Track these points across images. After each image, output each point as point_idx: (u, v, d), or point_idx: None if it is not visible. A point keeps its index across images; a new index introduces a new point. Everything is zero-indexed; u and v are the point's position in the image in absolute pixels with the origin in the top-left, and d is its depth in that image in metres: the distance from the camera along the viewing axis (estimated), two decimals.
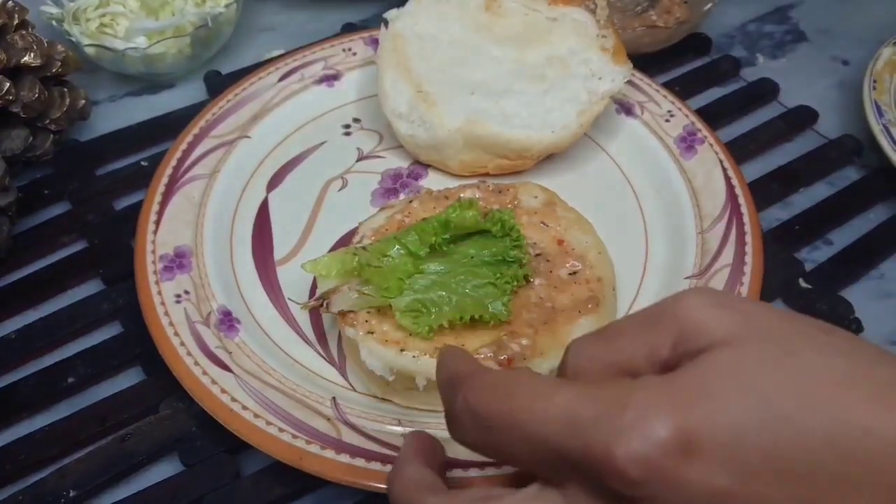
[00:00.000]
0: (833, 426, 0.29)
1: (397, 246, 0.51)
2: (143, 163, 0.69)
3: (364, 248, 0.53)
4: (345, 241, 0.61)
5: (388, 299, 0.50)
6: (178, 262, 0.58)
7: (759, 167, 0.69)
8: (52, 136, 0.67)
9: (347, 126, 0.70)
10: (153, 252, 0.58)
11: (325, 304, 0.52)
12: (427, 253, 0.51)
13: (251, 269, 0.60)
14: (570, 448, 0.30)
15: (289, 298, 0.59)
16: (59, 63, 0.66)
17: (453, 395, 0.34)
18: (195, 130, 0.66)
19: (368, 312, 0.51)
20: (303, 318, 0.57)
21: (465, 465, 0.48)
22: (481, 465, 0.48)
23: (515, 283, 0.51)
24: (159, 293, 0.56)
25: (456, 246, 0.53)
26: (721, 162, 0.63)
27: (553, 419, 0.31)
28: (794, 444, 0.29)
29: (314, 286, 0.57)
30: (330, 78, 0.71)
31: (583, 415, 0.30)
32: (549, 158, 0.66)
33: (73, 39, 0.72)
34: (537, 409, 0.31)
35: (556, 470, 0.32)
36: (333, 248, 0.61)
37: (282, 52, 0.77)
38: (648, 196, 0.64)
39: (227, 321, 0.56)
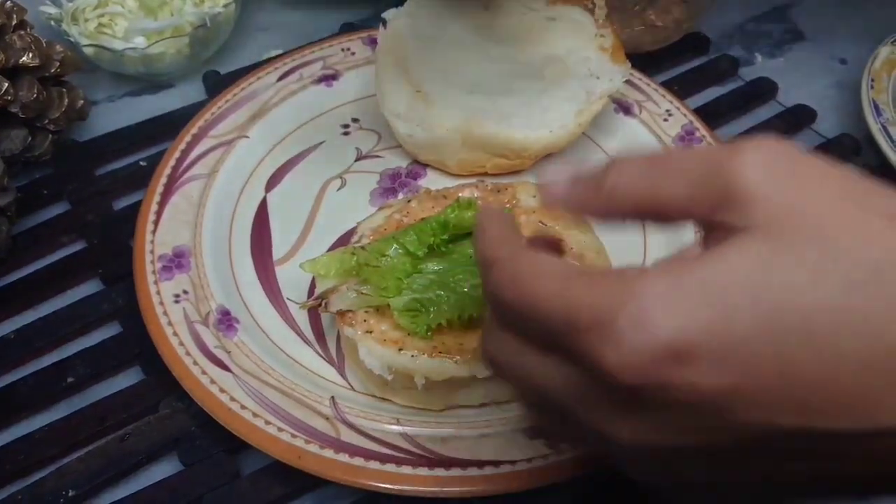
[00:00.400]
0: (862, 347, 0.27)
1: (395, 245, 0.52)
2: (141, 163, 0.69)
3: (363, 247, 0.53)
4: (343, 240, 0.61)
5: (386, 299, 0.50)
6: (176, 261, 0.58)
7: None
8: (50, 136, 0.67)
9: (346, 126, 0.70)
10: (152, 252, 0.59)
11: (323, 304, 0.52)
12: (425, 253, 0.51)
13: (250, 269, 0.60)
14: (571, 346, 0.30)
15: (287, 298, 0.59)
16: (58, 63, 0.66)
17: (485, 279, 0.35)
18: (194, 130, 0.66)
19: (367, 312, 0.51)
20: (301, 318, 0.58)
21: (465, 464, 0.48)
22: (480, 465, 0.48)
23: None
24: (158, 293, 0.56)
25: (455, 245, 0.53)
26: None
27: (556, 315, 0.30)
28: (806, 362, 0.27)
29: (313, 286, 0.57)
30: (328, 78, 0.71)
31: (581, 315, 0.29)
32: (548, 158, 0.66)
33: (72, 39, 0.72)
34: (542, 302, 0.31)
35: (568, 358, 0.31)
36: (332, 248, 0.61)
37: (280, 51, 0.77)
38: None
39: (226, 321, 0.56)
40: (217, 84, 0.74)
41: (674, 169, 0.31)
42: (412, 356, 0.49)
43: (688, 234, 0.60)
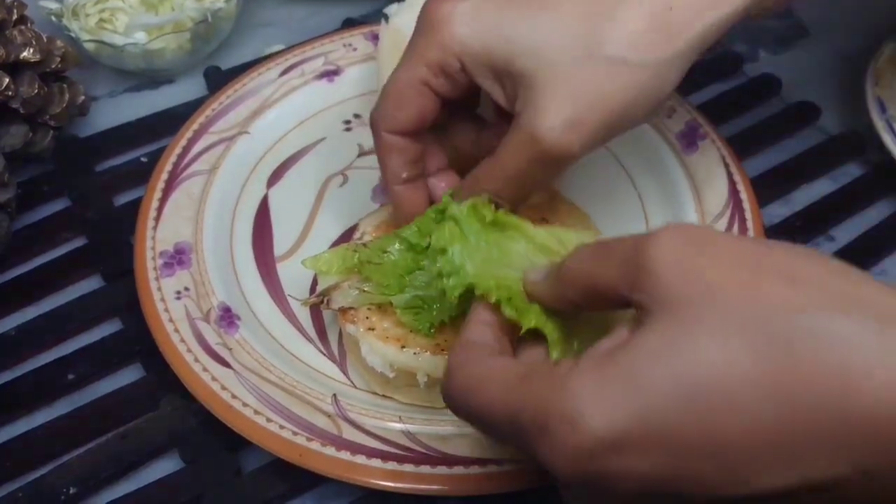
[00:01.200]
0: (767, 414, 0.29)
1: (397, 243, 0.51)
2: (142, 159, 0.68)
3: (364, 244, 0.53)
4: (345, 237, 0.61)
5: (388, 296, 0.50)
6: (178, 258, 0.58)
7: (760, 163, 0.69)
8: (51, 131, 0.66)
9: (348, 122, 0.69)
10: (153, 248, 0.58)
11: (325, 301, 0.51)
12: (427, 245, 0.51)
13: (251, 266, 0.60)
14: (518, 444, 0.33)
15: (289, 295, 0.58)
16: (59, 59, 0.65)
17: (442, 385, 0.38)
18: (195, 126, 0.66)
19: (369, 309, 0.51)
20: (303, 315, 0.57)
21: (467, 462, 0.48)
22: (482, 463, 0.48)
23: None
24: (159, 290, 0.56)
25: None
26: (723, 158, 0.63)
27: (501, 421, 0.34)
28: (735, 435, 0.29)
29: (314, 283, 0.57)
30: (330, 73, 0.71)
31: (522, 418, 0.32)
32: None
33: (73, 35, 0.72)
34: (488, 411, 0.35)
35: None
36: (334, 245, 0.61)
37: (282, 47, 0.77)
38: (650, 192, 0.64)
39: (228, 318, 0.56)
40: (218, 80, 0.73)
41: (610, 253, 0.34)
42: (414, 353, 0.49)
43: None
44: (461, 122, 0.52)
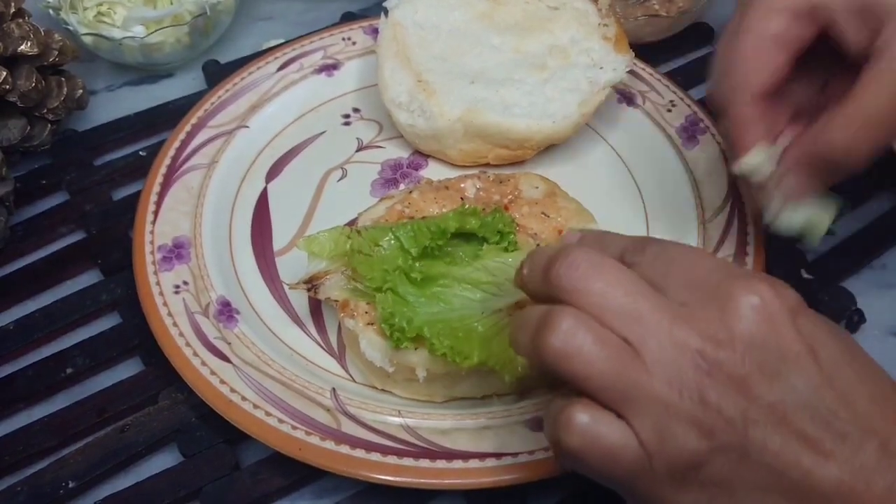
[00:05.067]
0: None
1: (391, 237, 0.51)
2: (141, 153, 0.68)
3: (358, 231, 0.53)
4: None
5: (374, 295, 0.50)
6: (176, 252, 0.58)
7: None
8: (49, 125, 0.66)
9: (347, 116, 0.69)
10: (152, 242, 0.58)
11: (313, 288, 0.51)
12: (418, 253, 0.51)
13: (250, 260, 0.60)
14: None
15: (282, 281, 0.58)
16: (57, 52, 0.65)
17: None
18: (193, 120, 0.66)
19: (368, 304, 0.51)
20: (302, 310, 0.57)
21: (466, 456, 0.48)
22: (481, 457, 0.48)
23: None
24: (158, 284, 0.56)
25: (453, 249, 0.53)
26: (723, 152, 0.63)
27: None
28: None
29: None
30: (329, 67, 0.71)
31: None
32: (550, 148, 0.65)
33: (71, 28, 0.72)
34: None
35: None
36: None
37: (281, 41, 0.76)
38: (650, 186, 0.64)
39: (226, 312, 0.55)
40: (217, 73, 0.73)
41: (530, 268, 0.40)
42: (414, 348, 0.49)
43: (689, 232, 0.60)
44: (801, 80, 0.50)
